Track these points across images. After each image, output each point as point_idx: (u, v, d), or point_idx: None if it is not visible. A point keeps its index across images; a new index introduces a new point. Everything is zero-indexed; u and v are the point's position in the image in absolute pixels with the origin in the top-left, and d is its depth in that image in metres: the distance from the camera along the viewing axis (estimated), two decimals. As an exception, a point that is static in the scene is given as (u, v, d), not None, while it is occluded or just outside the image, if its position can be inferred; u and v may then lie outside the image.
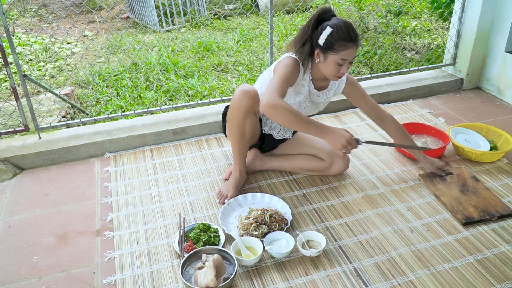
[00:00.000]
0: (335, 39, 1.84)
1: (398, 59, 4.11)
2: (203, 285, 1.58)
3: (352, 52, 1.88)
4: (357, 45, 1.88)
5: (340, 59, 1.87)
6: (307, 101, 2.12)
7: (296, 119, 1.81)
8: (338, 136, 1.82)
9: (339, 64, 1.89)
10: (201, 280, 1.59)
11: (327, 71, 1.94)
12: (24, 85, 2.45)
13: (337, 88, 2.16)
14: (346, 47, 1.85)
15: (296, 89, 2.05)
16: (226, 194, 2.12)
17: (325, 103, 2.21)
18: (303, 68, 2.00)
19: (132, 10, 6.00)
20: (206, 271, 1.61)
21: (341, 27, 1.84)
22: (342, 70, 1.91)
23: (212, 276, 1.58)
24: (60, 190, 2.27)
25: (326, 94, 2.16)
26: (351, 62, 1.92)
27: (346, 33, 1.84)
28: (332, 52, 1.87)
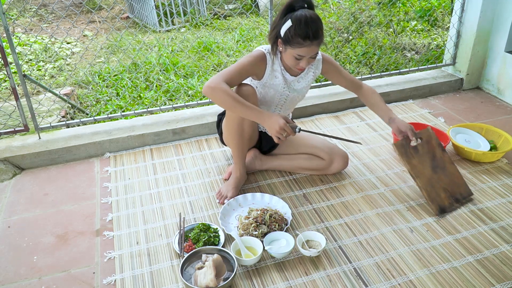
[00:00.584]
0: (292, 35, 1.80)
1: (398, 59, 4.11)
2: (203, 285, 1.58)
3: (309, 50, 1.83)
4: (316, 43, 1.82)
5: (297, 55, 1.85)
6: (287, 90, 2.10)
7: (234, 103, 1.79)
8: (273, 122, 1.78)
9: (296, 58, 1.87)
10: (201, 280, 1.59)
11: (288, 62, 1.92)
12: (24, 85, 2.45)
13: (315, 68, 2.14)
14: (302, 44, 1.81)
15: (270, 81, 2.04)
16: (226, 194, 2.11)
17: (307, 87, 2.18)
18: (272, 59, 1.99)
19: (132, 10, 6.00)
20: (206, 271, 1.61)
21: (301, 22, 1.78)
22: (301, 64, 1.89)
23: (212, 276, 1.58)
24: (60, 190, 2.27)
25: (305, 78, 2.13)
26: (314, 57, 1.89)
27: (303, 30, 1.78)
28: (290, 46, 1.84)
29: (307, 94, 3.00)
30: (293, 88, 2.12)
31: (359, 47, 4.32)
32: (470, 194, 2.11)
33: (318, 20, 1.81)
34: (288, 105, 2.20)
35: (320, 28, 1.82)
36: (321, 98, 2.97)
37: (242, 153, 2.12)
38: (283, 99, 2.13)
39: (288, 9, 1.83)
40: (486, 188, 2.18)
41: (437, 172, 2.09)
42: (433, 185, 2.05)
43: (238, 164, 2.14)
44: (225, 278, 1.64)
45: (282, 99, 2.13)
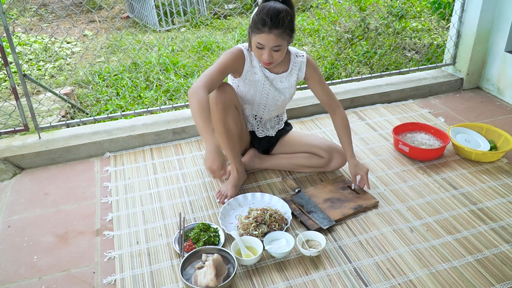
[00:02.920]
0: (254, 20, 1.81)
1: (398, 59, 4.11)
2: (203, 284, 1.58)
3: (267, 38, 1.80)
4: (276, 32, 1.78)
5: (257, 42, 1.83)
6: (268, 85, 2.08)
7: (196, 117, 1.74)
8: (207, 160, 1.71)
9: (257, 47, 1.85)
10: (201, 279, 1.59)
11: (254, 53, 1.92)
12: (24, 84, 2.45)
13: (298, 70, 2.10)
14: (260, 31, 1.79)
15: (249, 77, 2.04)
16: (225, 193, 2.12)
17: (290, 89, 2.13)
18: (250, 55, 2.00)
19: (132, 10, 5.99)
20: (206, 271, 1.61)
21: (264, 9, 1.78)
22: (263, 56, 1.86)
23: (212, 276, 1.58)
24: (60, 190, 2.27)
25: (288, 78, 2.10)
26: (277, 50, 1.85)
27: (262, 17, 1.77)
28: (252, 34, 1.84)
29: (307, 94, 3.00)
30: (276, 87, 2.10)
31: (359, 46, 4.32)
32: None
33: (284, 11, 1.78)
34: (272, 105, 2.16)
35: (283, 19, 1.78)
36: (321, 98, 2.96)
37: (234, 152, 2.11)
38: (265, 96, 2.11)
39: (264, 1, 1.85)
40: (486, 188, 2.18)
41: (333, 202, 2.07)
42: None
43: (234, 163, 2.14)
44: (225, 278, 1.64)
45: (263, 97, 2.12)
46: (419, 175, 2.29)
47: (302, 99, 2.95)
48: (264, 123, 2.25)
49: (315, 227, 1.91)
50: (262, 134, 2.26)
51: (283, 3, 1.83)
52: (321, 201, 2.06)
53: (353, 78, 3.17)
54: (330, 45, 4.42)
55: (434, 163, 2.38)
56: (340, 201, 2.06)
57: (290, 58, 2.08)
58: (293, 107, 2.85)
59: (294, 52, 2.10)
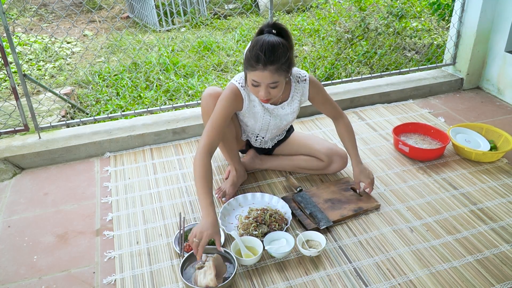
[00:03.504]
0: (248, 57, 1.71)
1: (398, 59, 4.11)
2: (203, 285, 1.57)
3: (262, 75, 1.69)
4: (271, 69, 1.68)
5: (252, 80, 1.74)
6: (268, 116, 2.03)
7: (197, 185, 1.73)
8: (199, 230, 1.64)
9: (253, 84, 1.75)
10: (201, 280, 1.59)
11: (250, 89, 1.82)
12: (24, 84, 2.45)
13: (301, 95, 2.02)
14: (254, 68, 1.69)
15: (249, 111, 1.99)
16: (224, 190, 2.12)
17: (293, 113, 2.06)
18: (247, 90, 1.92)
19: (132, 10, 5.99)
20: (206, 271, 1.61)
21: (257, 44, 1.67)
22: (260, 92, 1.76)
23: (212, 276, 1.58)
24: (60, 190, 2.27)
25: (290, 105, 2.02)
26: (274, 87, 1.75)
27: (256, 53, 1.66)
28: (247, 70, 1.75)
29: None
30: (276, 115, 2.04)
31: (359, 46, 4.32)
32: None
33: (279, 46, 1.68)
34: (273, 130, 2.13)
35: (279, 53, 1.67)
36: (321, 98, 2.96)
37: (231, 153, 2.12)
38: (266, 125, 2.07)
39: (258, 34, 1.76)
40: (486, 188, 2.18)
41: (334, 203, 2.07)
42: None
43: (232, 163, 2.15)
44: (225, 277, 1.64)
45: (264, 125, 2.08)
46: (419, 175, 2.29)
47: (302, 99, 2.95)
48: (265, 141, 2.23)
49: (312, 227, 1.91)
50: (257, 145, 2.24)
51: (278, 35, 1.73)
52: (321, 201, 2.06)
53: (353, 78, 3.17)
54: (330, 45, 4.42)
55: (434, 163, 2.38)
56: (341, 202, 2.06)
57: (290, 85, 1.98)
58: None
59: (296, 75, 1.98)
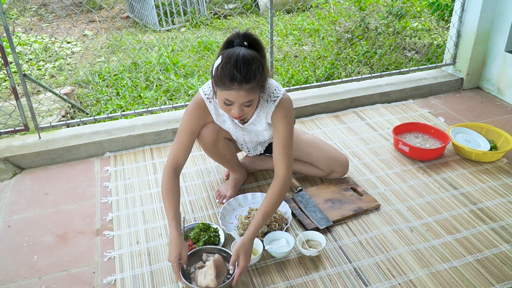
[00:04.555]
0: (219, 75, 1.53)
1: (398, 58, 4.11)
2: (203, 285, 1.57)
3: (237, 95, 1.54)
4: (246, 88, 1.52)
5: (225, 98, 1.57)
6: (241, 132, 1.92)
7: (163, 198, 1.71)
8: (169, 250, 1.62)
9: (225, 103, 1.59)
10: (201, 280, 1.59)
11: (220, 106, 1.65)
12: (24, 84, 2.45)
13: (266, 115, 1.79)
14: (229, 87, 1.52)
15: (220, 124, 1.90)
16: (225, 193, 2.12)
17: (267, 130, 1.87)
18: (214, 104, 1.80)
19: (132, 10, 5.99)
20: (207, 271, 1.61)
21: (230, 61, 1.51)
22: (233, 111, 1.60)
23: (212, 277, 1.58)
24: (60, 190, 2.27)
25: (259, 120, 1.83)
26: (248, 106, 1.60)
27: (230, 71, 1.50)
28: (218, 88, 1.57)
29: (307, 94, 3.00)
30: (249, 130, 1.90)
31: (359, 46, 4.32)
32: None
33: (253, 61, 1.52)
34: (254, 143, 2.05)
35: (254, 71, 1.52)
36: (321, 98, 2.97)
37: (230, 164, 2.12)
38: (241, 138, 1.98)
39: (227, 45, 1.59)
40: (486, 188, 2.18)
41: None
42: None
43: (232, 171, 2.16)
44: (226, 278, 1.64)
45: (240, 139, 1.99)
46: (419, 175, 2.29)
47: (302, 99, 2.95)
48: (253, 147, 2.14)
49: (312, 227, 1.91)
50: (251, 154, 2.21)
51: (250, 46, 1.57)
52: (321, 201, 2.06)
53: (353, 78, 3.17)
54: (330, 45, 4.42)
55: (434, 163, 2.38)
56: (341, 202, 2.06)
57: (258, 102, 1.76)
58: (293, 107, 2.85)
59: (271, 92, 1.75)
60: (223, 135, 1.96)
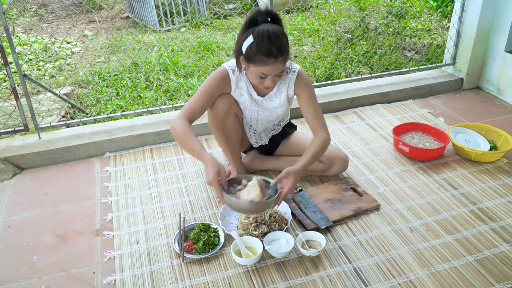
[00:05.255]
0: (254, 52, 1.68)
1: (398, 59, 4.11)
2: (248, 200, 1.64)
3: (273, 68, 1.71)
4: (280, 60, 1.70)
5: (260, 73, 1.73)
6: (256, 107, 2.01)
7: (180, 142, 1.79)
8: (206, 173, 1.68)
9: (260, 77, 1.75)
10: (245, 196, 1.66)
11: (252, 81, 1.83)
12: (24, 84, 2.45)
13: (288, 88, 1.98)
14: (265, 62, 1.69)
15: (237, 98, 1.99)
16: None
17: (282, 107, 2.02)
18: (236, 76, 1.91)
19: (132, 10, 5.99)
20: (250, 189, 1.68)
21: (263, 39, 1.65)
22: (266, 83, 1.78)
23: (258, 192, 1.65)
24: (60, 190, 2.27)
25: (279, 96, 1.99)
26: (280, 75, 1.78)
27: (266, 47, 1.65)
28: (252, 64, 1.73)
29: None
30: (265, 107, 2.02)
31: (359, 46, 4.32)
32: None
33: (282, 35, 1.70)
34: (264, 123, 2.12)
35: (285, 44, 1.71)
36: (321, 98, 2.96)
37: (234, 155, 2.12)
38: (255, 116, 2.07)
39: (250, 23, 1.72)
40: (486, 188, 2.18)
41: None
42: None
43: (234, 164, 2.15)
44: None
45: (253, 117, 2.07)
46: (419, 175, 2.29)
47: (302, 99, 2.95)
48: (258, 133, 2.21)
49: (312, 227, 1.91)
50: (256, 144, 2.23)
51: (273, 22, 1.72)
52: (321, 201, 2.06)
53: (353, 78, 3.17)
54: (330, 45, 4.42)
55: (434, 163, 2.38)
56: (341, 202, 2.06)
57: None
58: (293, 107, 2.84)
59: (287, 66, 1.96)
60: (234, 111, 1.99)
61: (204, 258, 1.79)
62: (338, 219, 1.96)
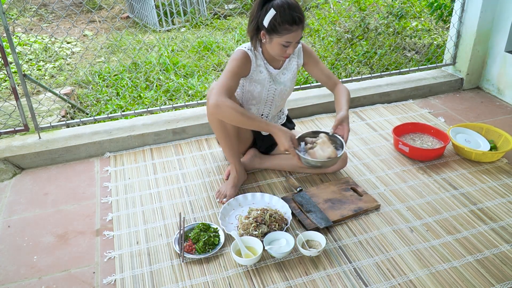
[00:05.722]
0: (278, 23, 1.81)
1: (398, 59, 4.11)
2: (325, 157, 1.85)
3: (296, 34, 1.86)
4: (302, 26, 1.86)
5: (285, 42, 1.86)
6: (273, 84, 2.12)
7: (242, 117, 1.84)
8: (286, 138, 1.87)
9: (284, 46, 1.88)
10: (321, 154, 1.87)
11: (273, 52, 1.94)
12: (24, 84, 2.45)
13: (297, 57, 2.16)
14: (290, 30, 1.83)
15: (255, 77, 2.06)
16: (225, 193, 2.12)
17: (293, 78, 2.19)
18: (255, 55, 2.01)
19: (132, 10, 5.99)
20: (322, 147, 1.89)
21: (285, 9, 1.80)
22: (288, 51, 1.91)
23: (332, 148, 1.88)
24: (60, 190, 2.27)
25: (289, 68, 2.15)
26: (298, 42, 1.93)
27: (289, 16, 1.80)
28: (276, 35, 1.85)
29: (307, 94, 3.00)
30: (279, 81, 2.14)
31: (359, 46, 4.32)
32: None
33: (298, 3, 1.85)
34: (278, 100, 2.21)
35: (303, 11, 1.86)
36: (321, 98, 2.97)
37: (233, 152, 2.12)
38: (271, 94, 2.15)
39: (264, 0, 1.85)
40: (486, 188, 2.18)
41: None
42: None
43: (233, 163, 2.15)
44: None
45: (270, 95, 2.15)
46: (419, 175, 2.29)
47: (302, 99, 2.95)
48: (271, 120, 2.28)
49: (312, 227, 1.91)
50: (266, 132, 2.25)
51: None
52: (321, 201, 2.06)
53: (353, 78, 3.17)
54: (330, 45, 4.42)
55: (434, 163, 2.39)
56: (341, 202, 2.06)
57: None
58: (293, 107, 2.85)
59: None
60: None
61: (204, 258, 1.79)
62: (338, 219, 1.96)
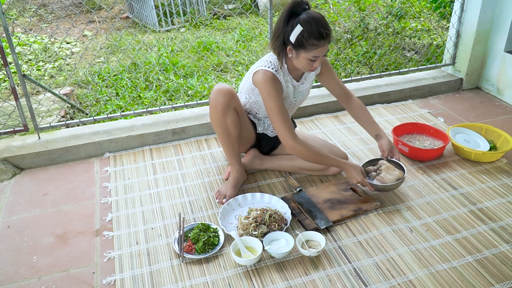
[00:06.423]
0: (306, 38, 1.82)
1: (397, 59, 4.11)
2: (394, 179, 2.02)
3: (323, 49, 1.87)
4: (328, 41, 1.87)
5: (312, 56, 1.87)
6: (295, 96, 2.17)
7: (318, 157, 1.97)
8: (357, 172, 2.01)
9: (311, 60, 1.89)
10: (389, 177, 2.02)
11: (300, 66, 1.95)
12: (24, 85, 2.45)
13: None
14: (317, 46, 1.84)
15: (284, 94, 2.07)
16: (224, 193, 2.12)
17: (309, 89, 2.23)
18: (281, 73, 2.00)
19: (131, 10, 5.99)
20: (388, 171, 2.05)
21: (312, 25, 1.80)
22: (315, 64, 1.92)
23: (398, 170, 2.05)
24: (60, 190, 2.27)
25: (308, 78, 2.17)
26: (325, 55, 1.94)
27: (316, 32, 1.81)
28: (304, 50, 1.86)
29: (307, 94, 3.01)
30: (299, 91, 2.17)
31: (359, 47, 4.32)
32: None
33: (324, 18, 1.86)
34: (296, 108, 2.27)
35: (328, 25, 1.86)
36: (321, 98, 2.97)
37: (233, 152, 2.12)
38: (292, 106, 2.20)
39: (291, 15, 1.84)
40: (486, 188, 2.19)
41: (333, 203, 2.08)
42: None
43: (233, 163, 2.15)
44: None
45: (291, 106, 2.20)
46: (419, 175, 2.29)
47: (302, 99, 2.95)
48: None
49: (312, 227, 1.91)
50: (274, 134, 2.27)
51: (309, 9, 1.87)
52: (321, 201, 2.06)
53: (353, 78, 3.17)
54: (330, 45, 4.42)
55: (434, 163, 2.39)
56: (341, 202, 2.06)
57: None
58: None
59: None
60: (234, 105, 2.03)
61: (204, 258, 1.79)
62: (338, 219, 1.96)
